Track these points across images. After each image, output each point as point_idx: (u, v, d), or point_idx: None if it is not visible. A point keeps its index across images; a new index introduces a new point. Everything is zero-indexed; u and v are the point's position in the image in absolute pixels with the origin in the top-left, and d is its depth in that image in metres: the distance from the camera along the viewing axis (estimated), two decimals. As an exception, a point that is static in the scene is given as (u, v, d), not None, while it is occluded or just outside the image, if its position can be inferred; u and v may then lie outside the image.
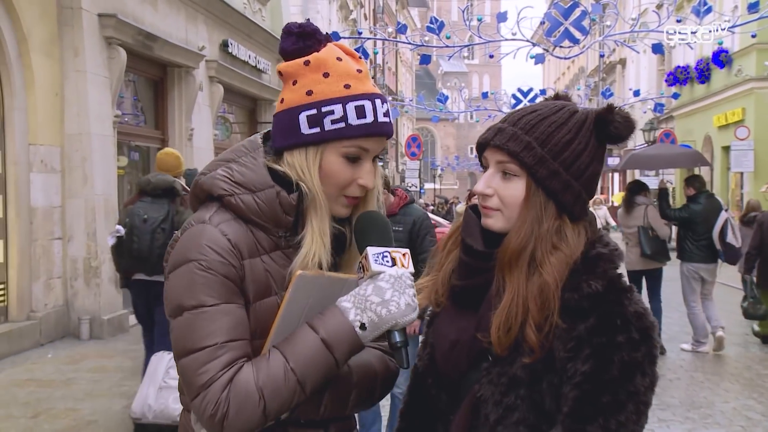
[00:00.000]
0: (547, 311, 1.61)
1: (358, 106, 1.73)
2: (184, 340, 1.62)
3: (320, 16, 29.71)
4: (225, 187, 1.72)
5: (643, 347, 1.59)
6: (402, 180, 48.32)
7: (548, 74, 77.21)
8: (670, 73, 29.34)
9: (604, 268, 1.65)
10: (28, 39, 9.65)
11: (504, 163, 1.70)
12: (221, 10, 15.27)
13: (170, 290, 1.67)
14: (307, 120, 1.73)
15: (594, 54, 35.92)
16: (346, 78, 1.75)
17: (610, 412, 1.56)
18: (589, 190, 1.72)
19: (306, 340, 1.62)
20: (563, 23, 15.89)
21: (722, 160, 25.29)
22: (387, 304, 1.63)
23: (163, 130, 13.58)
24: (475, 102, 35.98)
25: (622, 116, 1.71)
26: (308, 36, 1.78)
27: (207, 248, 1.64)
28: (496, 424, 1.64)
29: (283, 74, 1.79)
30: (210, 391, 1.58)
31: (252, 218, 1.71)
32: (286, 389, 1.60)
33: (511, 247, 1.67)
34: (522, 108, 1.78)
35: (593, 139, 1.71)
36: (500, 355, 1.65)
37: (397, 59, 56.75)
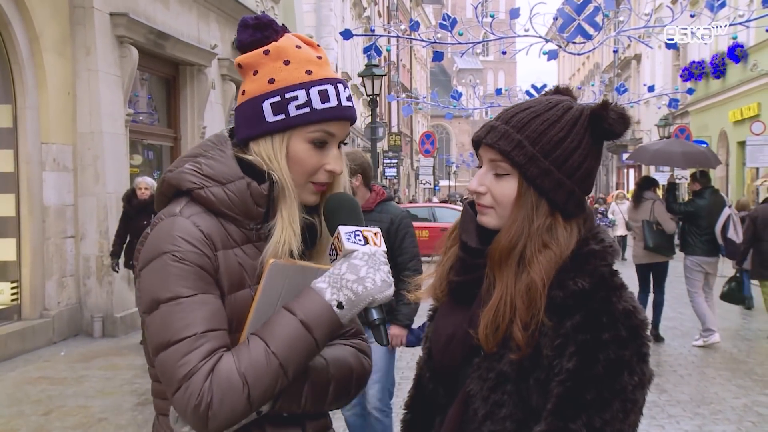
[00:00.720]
0: (534, 310, 1.61)
1: (321, 90, 1.73)
2: (161, 334, 1.59)
3: (333, 14, 29.74)
4: (194, 180, 1.70)
5: (631, 345, 1.57)
6: (416, 177, 48.31)
7: (563, 71, 77.01)
8: (685, 69, 29.18)
9: (594, 265, 1.63)
10: (40, 38, 9.71)
11: (496, 162, 1.69)
12: (233, 8, 15.31)
13: (144, 286, 1.64)
14: (271, 107, 1.72)
15: (609, 50, 35.76)
16: (306, 64, 1.75)
17: (594, 409, 1.54)
18: (584, 187, 1.71)
19: (285, 324, 1.61)
20: (576, 19, 15.84)
21: (738, 156, 25.11)
22: (363, 281, 1.62)
23: (176, 128, 13.64)
24: (490, 99, 35.83)
25: (617, 112, 1.67)
26: (264, 27, 1.78)
27: (180, 239, 1.62)
28: (484, 419, 1.64)
29: (243, 66, 1.78)
30: (192, 382, 1.54)
31: (223, 210, 1.70)
32: (269, 374, 1.58)
33: (501, 245, 1.67)
34: (517, 104, 1.77)
35: (588, 136, 1.69)
36: (489, 352, 1.65)
37: (411, 56, 56.71)
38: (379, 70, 20.67)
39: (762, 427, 6.43)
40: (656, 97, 26.68)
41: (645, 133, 39.99)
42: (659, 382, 7.75)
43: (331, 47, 28.81)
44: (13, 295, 9.74)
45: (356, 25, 32.98)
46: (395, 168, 37.19)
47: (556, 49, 17.05)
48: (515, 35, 16.97)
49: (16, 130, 9.65)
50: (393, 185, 43.11)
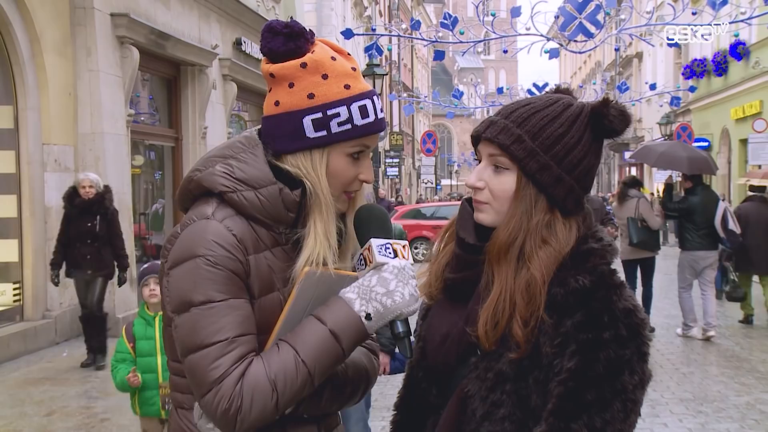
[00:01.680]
0: (534, 306, 1.60)
1: (361, 106, 1.75)
2: (193, 336, 1.62)
3: (334, 13, 29.73)
4: (227, 184, 1.71)
5: (631, 344, 1.56)
6: (418, 176, 48.30)
7: (565, 69, 76.98)
8: (686, 66, 29.13)
9: (594, 263, 1.63)
10: (41, 39, 9.71)
11: (495, 156, 1.69)
12: (234, 8, 15.30)
13: (174, 286, 1.66)
14: (312, 124, 1.73)
15: (610, 48, 35.74)
16: (344, 78, 1.76)
17: (595, 409, 1.53)
18: (583, 184, 1.70)
19: (314, 332, 1.64)
20: (577, 17, 15.81)
21: (740, 153, 25.07)
22: (392, 294, 1.66)
23: (177, 128, 13.63)
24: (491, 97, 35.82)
25: (617, 109, 1.67)
26: (297, 36, 1.76)
27: (214, 243, 1.64)
28: (482, 419, 1.63)
29: (276, 76, 1.76)
30: (223, 386, 1.58)
31: (254, 215, 1.71)
32: (297, 381, 1.61)
33: (499, 240, 1.66)
34: (517, 101, 1.76)
35: (588, 133, 1.68)
36: (488, 350, 1.64)
37: (412, 55, 56.68)
38: (380, 70, 20.66)
39: (765, 425, 6.42)
40: (658, 95, 26.65)
41: (647, 131, 39.95)
42: (662, 380, 7.74)
43: (332, 47, 28.81)
44: (15, 296, 9.74)
45: (357, 25, 32.97)
46: (397, 167, 37.19)
47: (558, 47, 17.03)
48: (517, 34, 16.96)
49: (17, 131, 9.66)
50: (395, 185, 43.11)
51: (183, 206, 1.83)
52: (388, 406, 6.20)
